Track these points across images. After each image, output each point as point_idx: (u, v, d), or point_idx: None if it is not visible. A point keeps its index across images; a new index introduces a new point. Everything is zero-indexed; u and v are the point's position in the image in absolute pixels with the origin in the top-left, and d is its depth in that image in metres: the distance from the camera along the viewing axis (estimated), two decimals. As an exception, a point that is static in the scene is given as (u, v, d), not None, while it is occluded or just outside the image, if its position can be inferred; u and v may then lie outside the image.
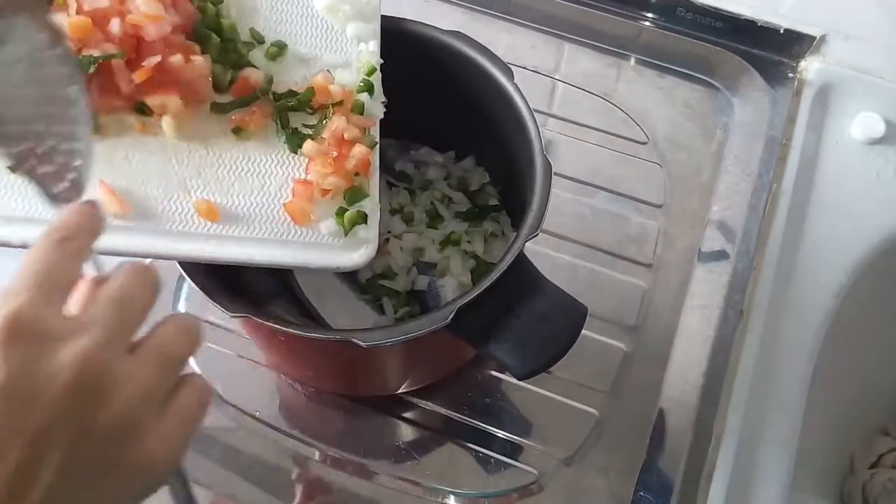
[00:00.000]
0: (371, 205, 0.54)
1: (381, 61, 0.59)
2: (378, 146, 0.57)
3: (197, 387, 0.36)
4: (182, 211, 0.51)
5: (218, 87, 0.55)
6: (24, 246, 0.47)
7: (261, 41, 0.58)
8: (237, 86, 0.55)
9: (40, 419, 0.30)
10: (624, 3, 0.88)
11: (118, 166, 0.51)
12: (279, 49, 0.58)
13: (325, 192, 0.53)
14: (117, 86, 0.51)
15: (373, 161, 0.56)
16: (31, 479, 0.30)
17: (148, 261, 0.41)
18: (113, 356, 0.32)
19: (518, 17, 0.91)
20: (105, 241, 0.38)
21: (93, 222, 0.36)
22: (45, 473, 0.30)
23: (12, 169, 0.39)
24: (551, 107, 0.86)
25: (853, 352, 0.81)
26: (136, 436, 0.32)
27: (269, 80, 0.56)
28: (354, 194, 0.54)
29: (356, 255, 0.53)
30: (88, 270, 0.37)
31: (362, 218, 0.53)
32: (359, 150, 0.54)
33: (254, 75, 0.56)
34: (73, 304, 0.35)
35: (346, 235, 0.53)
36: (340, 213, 0.53)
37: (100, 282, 0.36)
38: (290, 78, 0.58)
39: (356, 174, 0.54)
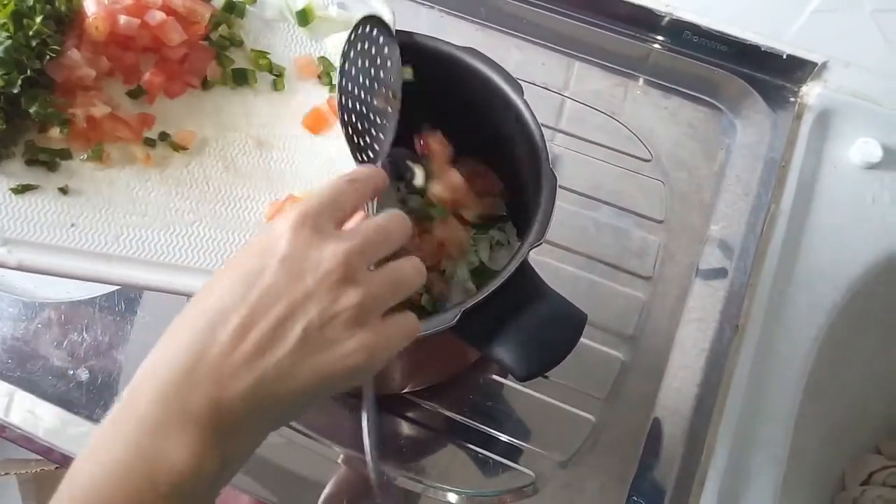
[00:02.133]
0: None
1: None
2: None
3: (410, 318, 0.44)
4: (182, 244, 0.52)
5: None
6: (19, 267, 0.49)
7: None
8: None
9: (303, 288, 0.39)
10: (633, 24, 0.91)
11: (121, 194, 0.53)
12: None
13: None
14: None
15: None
16: (285, 330, 0.38)
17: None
18: (362, 264, 0.41)
19: (530, 34, 0.93)
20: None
21: (377, 177, 0.46)
22: (294, 330, 0.38)
23: None
24: (559, 122, 0.88)
25: (845, 370, 0.83)
26: (362, 327, 0.40)
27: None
28: None
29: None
30: None
31: None
32: None
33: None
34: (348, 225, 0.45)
35: None
36: None
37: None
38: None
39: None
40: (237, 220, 0.54)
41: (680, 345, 0.74)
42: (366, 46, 0.56)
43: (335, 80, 0.56)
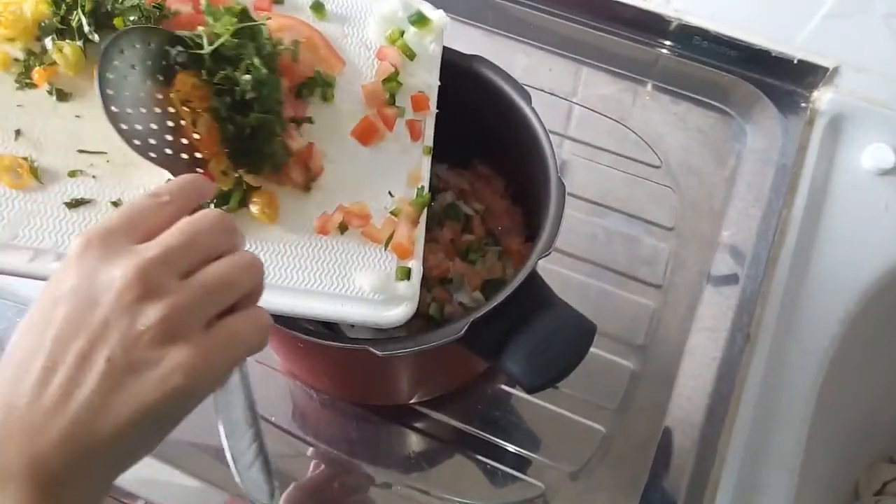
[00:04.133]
0: (416, 263, 0.56)
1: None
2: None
3: (253, 317, 0.40)
4: None
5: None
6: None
7: None
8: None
9: (98, 315, 0.35)
10: (642, 29, 0.90)
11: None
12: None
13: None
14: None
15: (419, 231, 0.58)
16: (88, 365, 0.35)
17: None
18: (163, 274, 0.37)
19: (537, 39, 0.93)
20: None
21: (191, 187, 0.42)
22: (98, 362, 0.35)
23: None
24: (567, 129, 0.88)
25: (858, 378, 0.82)
26: (177, 344, 0.36)
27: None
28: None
29: (397, 311, 0.54)
30: None
31: (405, 274, 0.55)
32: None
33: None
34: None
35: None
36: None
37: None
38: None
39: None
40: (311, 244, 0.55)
41: (691, 354, 0.74)
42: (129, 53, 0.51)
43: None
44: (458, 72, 0.63)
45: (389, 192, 0.58)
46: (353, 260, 0.55)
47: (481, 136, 0.68)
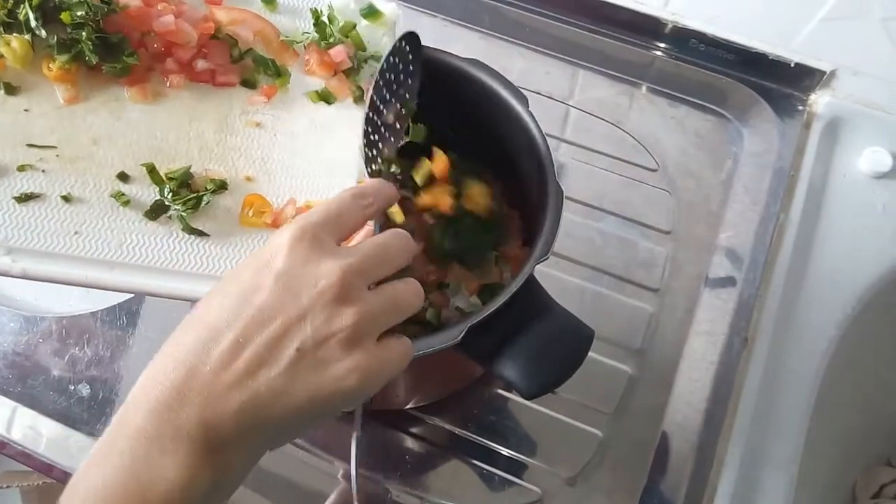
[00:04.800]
0: None
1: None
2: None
3: (405, 342, 0.43)
4: (185, 251, 0.52)
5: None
6: (24, 276, 0.49)
7: None
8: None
9: (298, 307, 0.38)
10: (639, 32, 0.90)
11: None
12: None
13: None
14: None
15: None
16: (278, 350, 0.38)
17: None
18: (359, 283, 0.40)
19: (534, 42, 0.93)
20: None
21: (384, 193, 0.46)
22: (288, 349, 0.38)
23: None
24: (564, 132, 0.87)
25: (856, 381, 0.82)
26: (358, 348, 0.39)
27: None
28: None
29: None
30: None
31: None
32: None
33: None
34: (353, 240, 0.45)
35: None
36: None
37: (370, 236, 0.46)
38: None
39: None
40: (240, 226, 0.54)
41: (688, 358, 0.73)
42: (397, 61, 0.57)
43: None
44: (454, 75, 0.63)
45: None
46: None
47: (478, 140, 0.67)
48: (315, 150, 0.58)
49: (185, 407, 0.36)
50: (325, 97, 0.60)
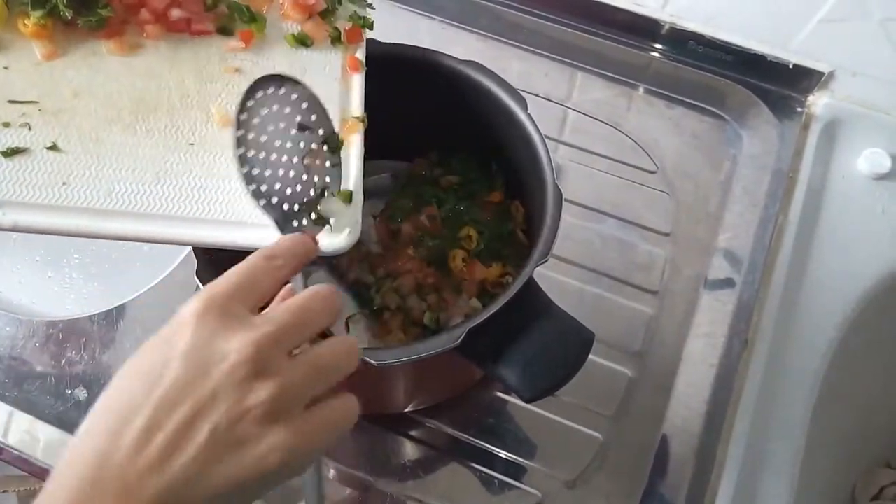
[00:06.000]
0: (355, 188, 0.54)
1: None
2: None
3: (346, 405, 0.40)
4: (174, 195, 0.52)
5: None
6: (14, 228, 0.49)
7: None
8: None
9: (209, 385, 0.36)
10: (637, 34, 0.90)
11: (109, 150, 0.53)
12: None
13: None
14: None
15: (356, 139, 0.56)
16: (191, 432, 0.35)
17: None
18: (276, 353, 0.37)
19: (532, 44, 0.93)
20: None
21: (302, 250, 0.43)
22: (201, 431, 0.35)
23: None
24: (562, 134, 0.87)
25: (856, 383, 0.82)
26: (279, 424, 0.36)
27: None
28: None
29: (339, 238, 0.51)
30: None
31: (347, 197, 0.52)
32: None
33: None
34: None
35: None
36: None
37: (290, 296, 0.42)
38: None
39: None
40: (228, 168, 0.54)
41: (688, 360, 0.73)
42: (273, 108, 0.49)
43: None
44: (453, 78, 0.63)
45: None
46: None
47: (477, 142, 0.67)
48: None
49: (102, 498, 0.34)
50: (302, 40, 0.59)
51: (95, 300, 0.79)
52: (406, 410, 0.71)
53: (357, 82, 0.59)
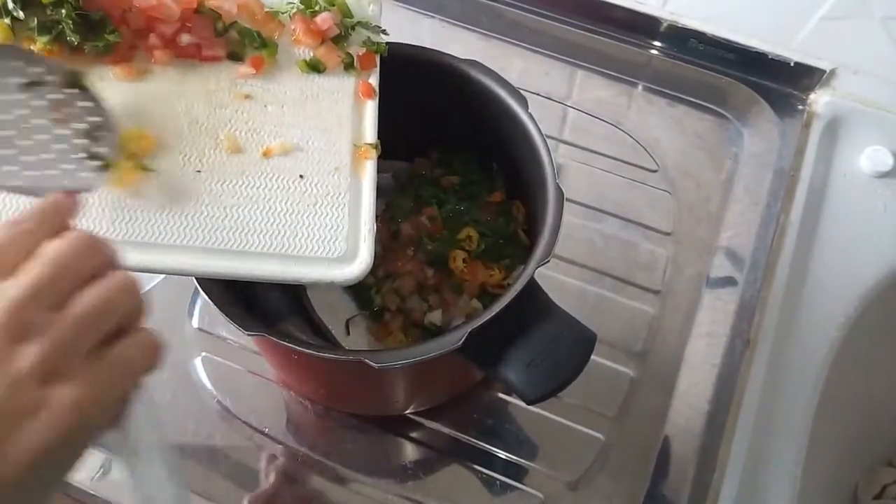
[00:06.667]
0: (367, 216, 0.54)
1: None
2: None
3: (142, 341, 0.38)
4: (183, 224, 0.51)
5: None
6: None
7: None
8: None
9: None
10: (638, 32, 0.90)
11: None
12: None
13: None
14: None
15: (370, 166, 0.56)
16: None
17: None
18: (36, 310, 0.34)
19: (532, 43, 0.92)
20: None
21: (52, 209, 0.39)
22: None
23: None
24: (563, 133, 0.87)
25: (858, 382, 0.81)
26: (61, 381, 0.34)
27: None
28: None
29: (352, 267, 0.52)
30: None
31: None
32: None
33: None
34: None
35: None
36: None
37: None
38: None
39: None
40: (236, 196, 0.53)
41: (690, 360, 0.73)
42: None
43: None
44: (453, 77, 0.62)
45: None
46: (302, 217, 0.53)
47: (478, 141, 0.67)
48: (306, 120, 0.57)
49: None
50: (315, 65, 0.59)
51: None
52: (407, 412, 0.71)
53: (370, 108, 0.58)
